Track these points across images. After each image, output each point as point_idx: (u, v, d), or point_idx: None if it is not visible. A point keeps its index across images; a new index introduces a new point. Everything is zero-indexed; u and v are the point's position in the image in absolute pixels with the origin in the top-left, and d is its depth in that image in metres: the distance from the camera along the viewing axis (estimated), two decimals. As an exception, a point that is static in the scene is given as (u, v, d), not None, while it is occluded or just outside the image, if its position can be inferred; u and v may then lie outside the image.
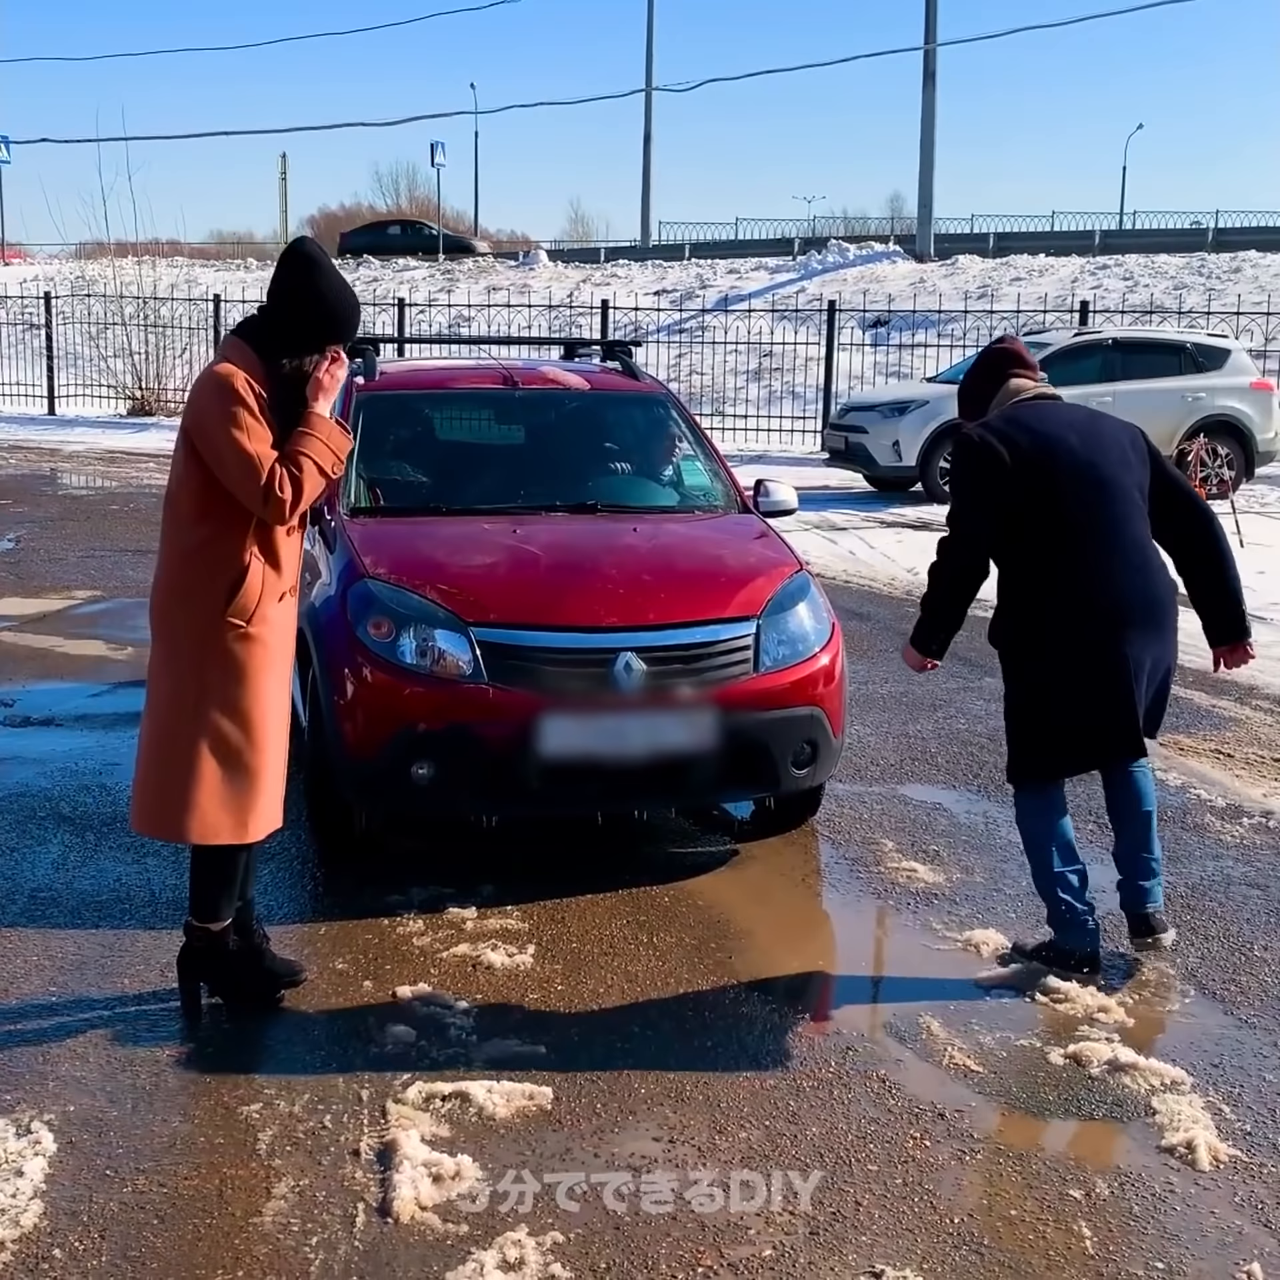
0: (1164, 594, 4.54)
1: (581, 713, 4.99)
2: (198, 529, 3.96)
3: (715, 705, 5.06)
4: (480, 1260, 3.12)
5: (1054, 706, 4.47)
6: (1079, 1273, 3.14)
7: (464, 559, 5.39)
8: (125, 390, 24.88)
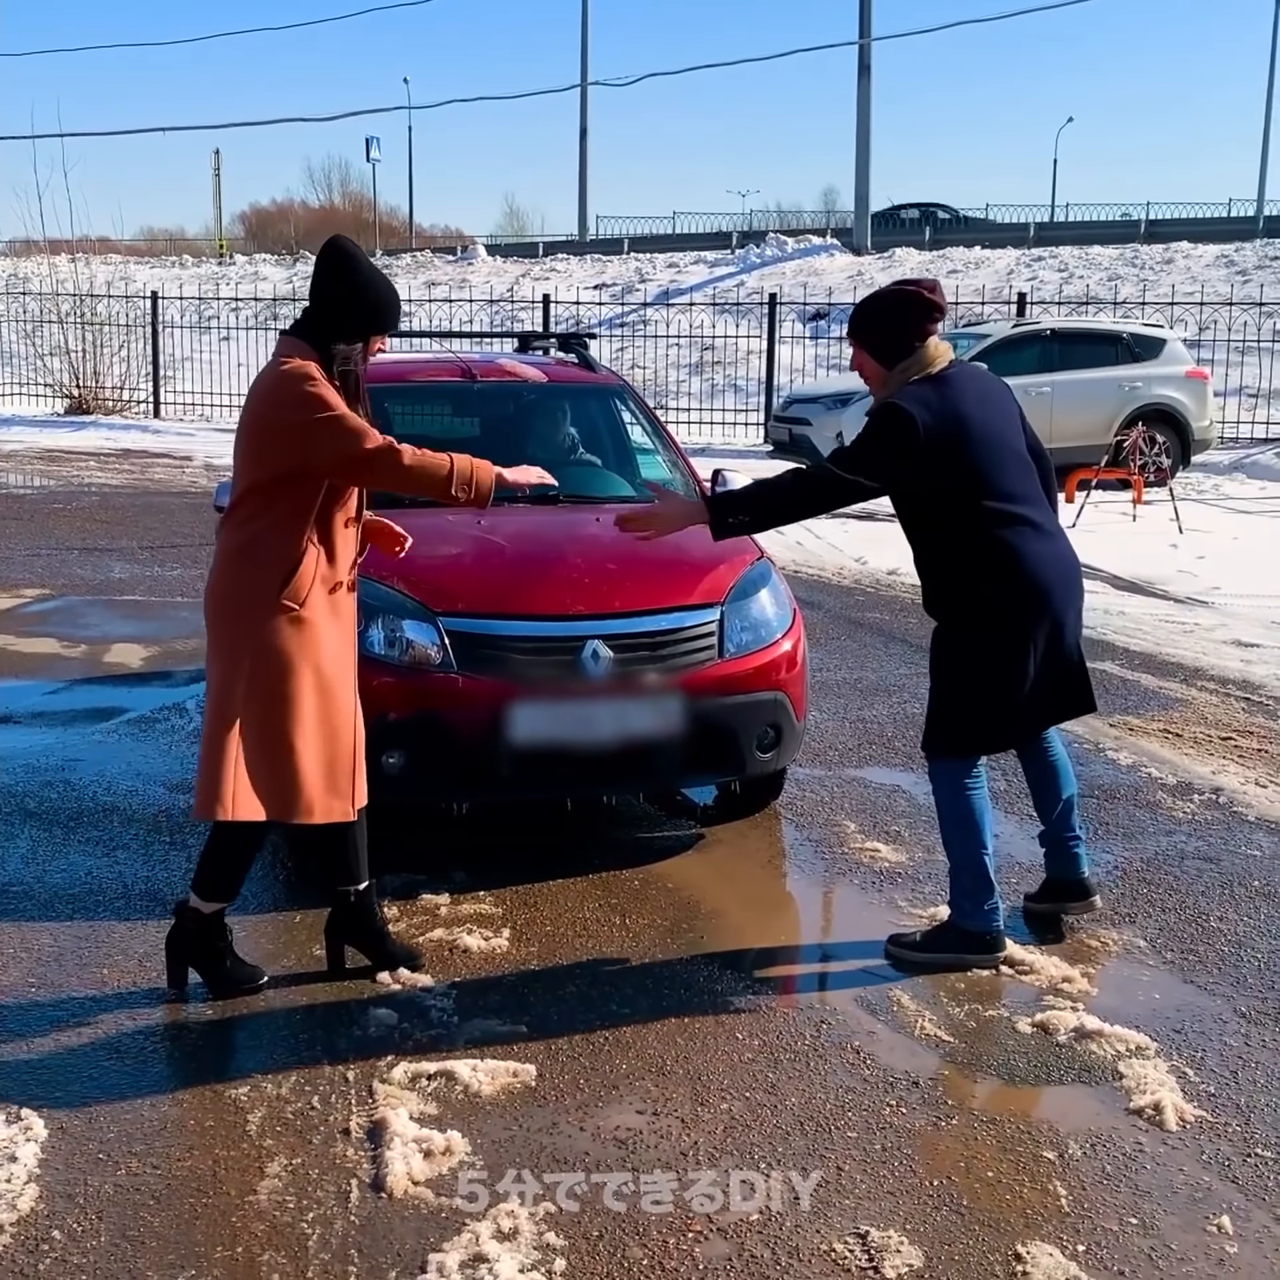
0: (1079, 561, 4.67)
1: (550, 700, 5.05)
2: (256, 523, 4.05)
3: (681, 691, 5.14)
4: (475, 1231, 3.19)
5: (1004, 680, 4.48)
6: (1057, 1229, 3.24)
7: (430, 550, 5.43)
8: (62, 389, 24.65)
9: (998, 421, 4.52)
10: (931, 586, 4.62)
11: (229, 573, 4.12)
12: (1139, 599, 10.54)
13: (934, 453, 4.32)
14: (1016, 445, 4.55)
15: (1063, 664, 4.56)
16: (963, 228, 42.09)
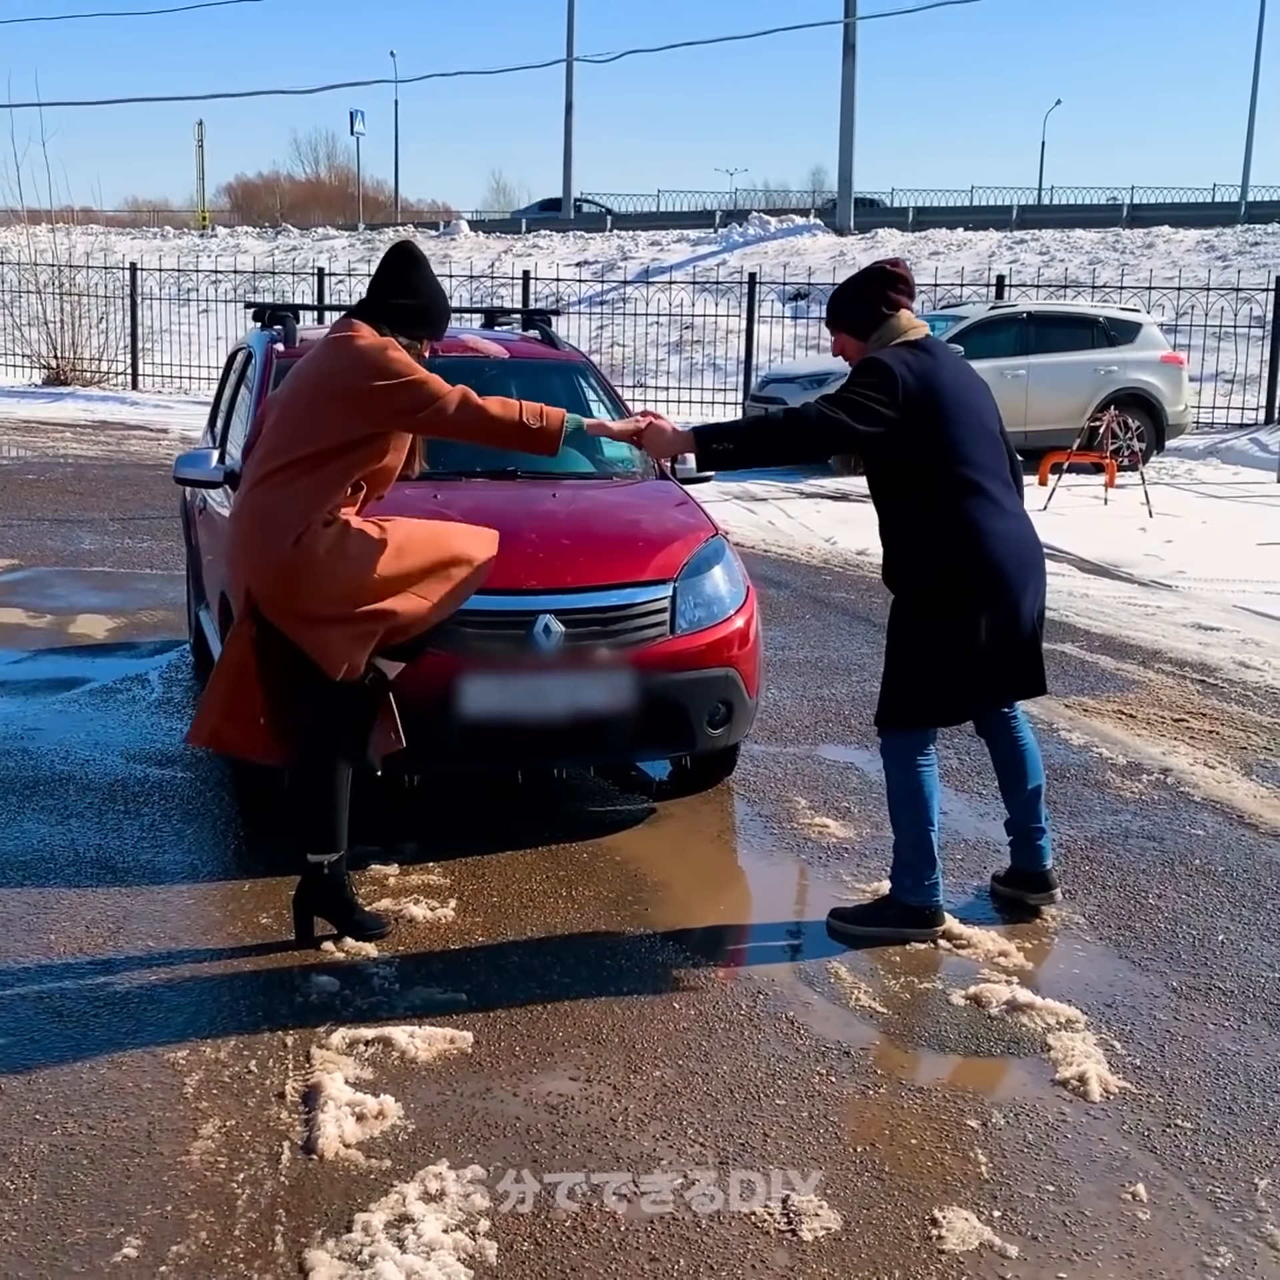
0: (1040, 544, 4.71)
1: (501, 674, 5.10)
2: (291, 486, 4.23)
3: (632, 666, 5.19)
4: (402, 1192, 3.24)
5: (952, 656, 4.52)
6: (974, 1195, 3.31)
7: None
8: (40, 359, 24.57)
9: (972, 395, 4.57)
10: (891, 556, 4.66)
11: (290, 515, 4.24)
12: (1104, 582, 10.61)
13: (910, 410, 4.37)
14: (989, 423, 4.60)
15: (1015, 645, 4.59)
16: (947, 210, 42.02)
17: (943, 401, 4.43)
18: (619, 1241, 3.11)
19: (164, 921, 4.64)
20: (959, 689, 4.60)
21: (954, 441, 4.45)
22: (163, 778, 5.95)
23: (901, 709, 4.66)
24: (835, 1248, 3.11)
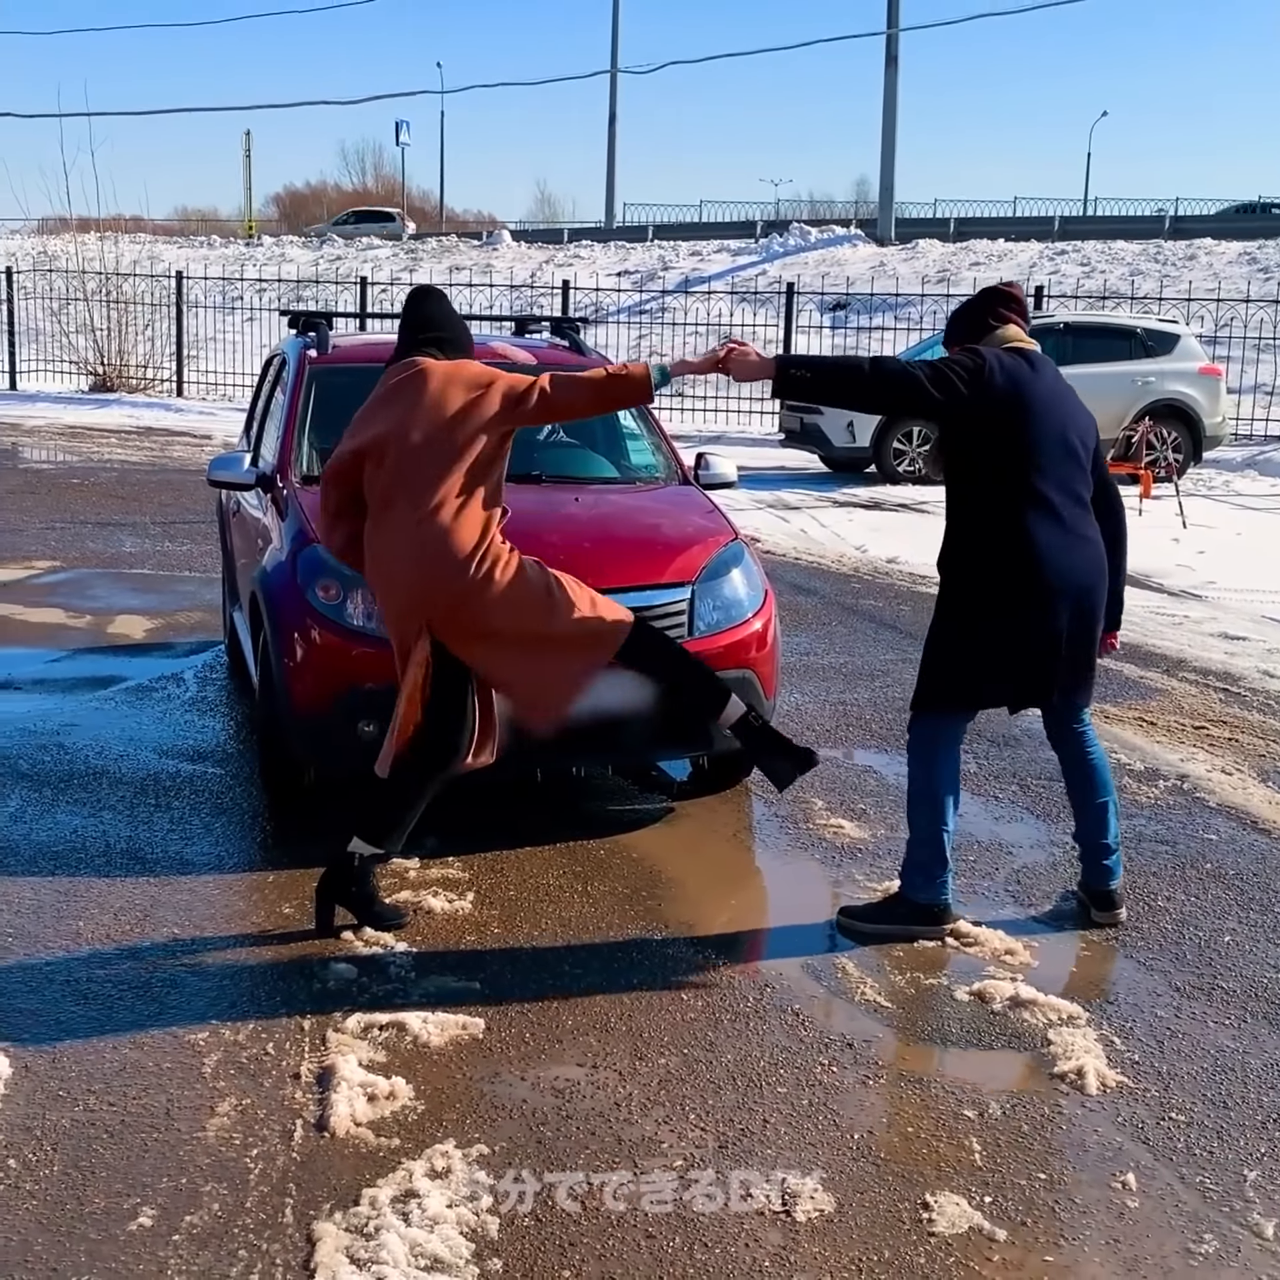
0: (1104, 567, 4.68)
1: None
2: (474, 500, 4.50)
3: None
4: (410, 1169, 3.35)
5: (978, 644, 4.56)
6: (967, 1182, 3.38)
7: None
8: (87, 366, 24.91)
9: (1062, 412, 4.58)
10: (946, 542, 4.71)
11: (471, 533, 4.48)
12: (1133, 591, 10.53)
13: (989, 401, 4.42)
14: (1074, 442, 4.59)
15: (1031, 657, 4.58)
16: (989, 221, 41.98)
17: (1028, 406, 4.47)
18: (617, 1218, 3.20)
19: (189, 910, 4.77)
20: (974, 676, 4.63)
21: (1029, 448, 4.49)
22: (194, 773, 6.08)
23: (926, 689, 4.73)
24: (827, 1228, 3.19)
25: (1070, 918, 4.88)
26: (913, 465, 16.43)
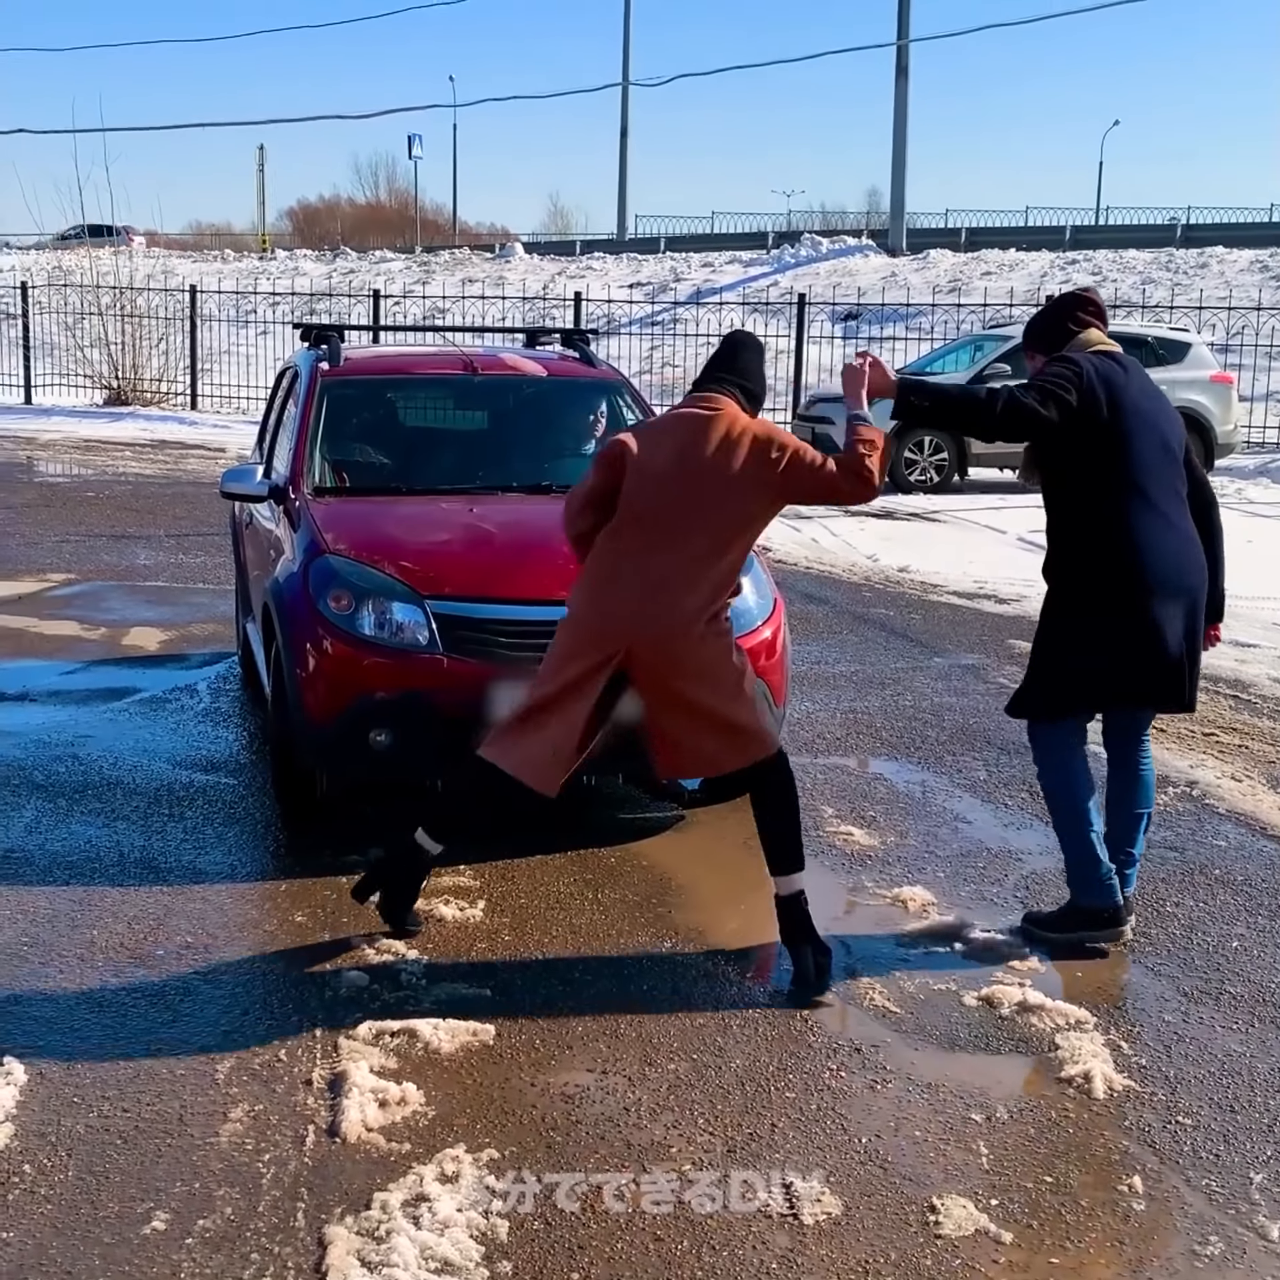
0: (1204, 564, 4.68)
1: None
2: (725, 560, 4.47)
3: None
4: (420, 1173, 3.38)
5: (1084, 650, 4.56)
6: (974, 1185, 3.40)
7: (421, 535, 5.65)
8: (102, 380, 25.02)
9: (1155, 412, 4.62)
10: (1051, 551, 4.74)
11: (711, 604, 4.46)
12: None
13: (1090, 405, 4.46)
14: (1170, 441, 4.62)
15: (1155, 659, 4.55)
16: (1000, 231, 42.00)
17: (1125, 408, 4.51)
18: (625, 1222, 3.23)
19: (203, 919, 4.80)
20: (1092, 681, 4.62)
21: (1131, 449, 4.51)
22: (207, 783, 6.12)
23: (1042, 697, 4.72)
24: (835, 1230, 3.21)
25: (1079, 924, 4.89)
26: (924, 474, 16.46)
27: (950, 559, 12.15)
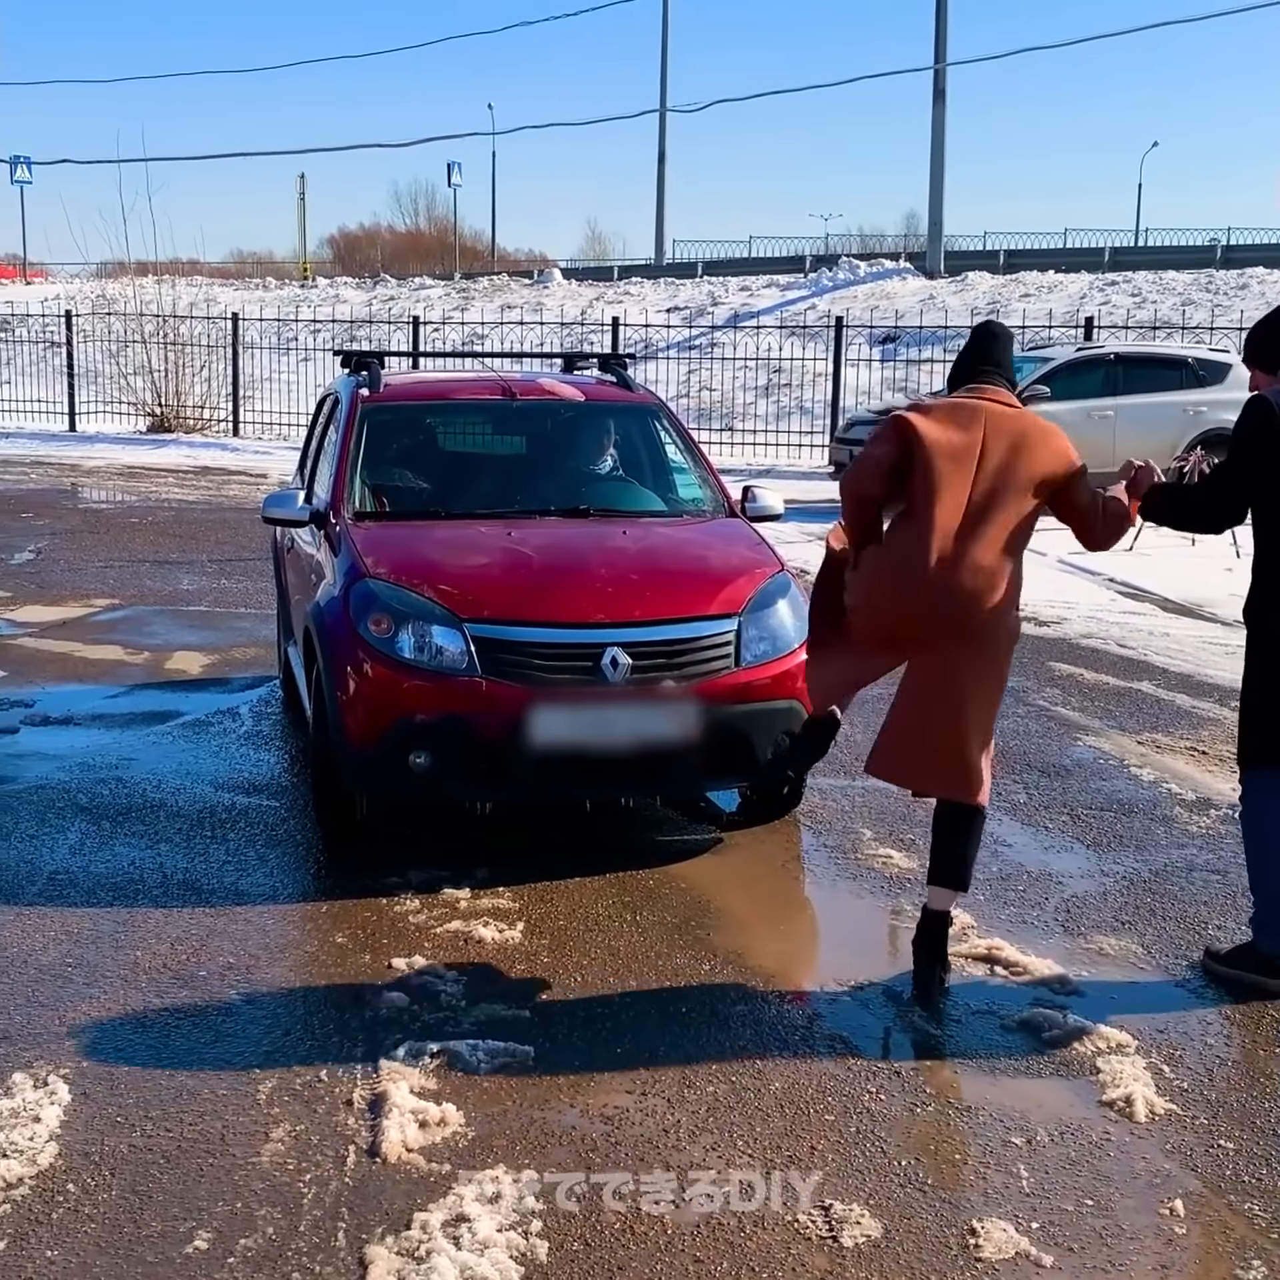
0: None
1: (570, 705, 5.25)
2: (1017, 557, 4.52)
3: (698, 698, 5.32)
4: (460, 1194, 3.39)
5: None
6: (1015, 1208, 3.39)
7: (460, 559, 5.68)
8: (145, 407, 25.24)
9: None
10: (1260, 590, 4.74)
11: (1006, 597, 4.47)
12: (1186, 621, 10.60)
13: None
14: None
15: None
16: (1038, 253, 41.94)
17: None
18: (665, 1243, 3.24)
19: (245, 940, 4.84)
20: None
21: None
22: (249, 805, 6.17)
23: (1243, 744, 4.73)
24: (874, 1254, 3.21)
25: (1119, 947, 4.87)
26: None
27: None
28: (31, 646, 9.30)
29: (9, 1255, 3.18)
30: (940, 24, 32.33)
